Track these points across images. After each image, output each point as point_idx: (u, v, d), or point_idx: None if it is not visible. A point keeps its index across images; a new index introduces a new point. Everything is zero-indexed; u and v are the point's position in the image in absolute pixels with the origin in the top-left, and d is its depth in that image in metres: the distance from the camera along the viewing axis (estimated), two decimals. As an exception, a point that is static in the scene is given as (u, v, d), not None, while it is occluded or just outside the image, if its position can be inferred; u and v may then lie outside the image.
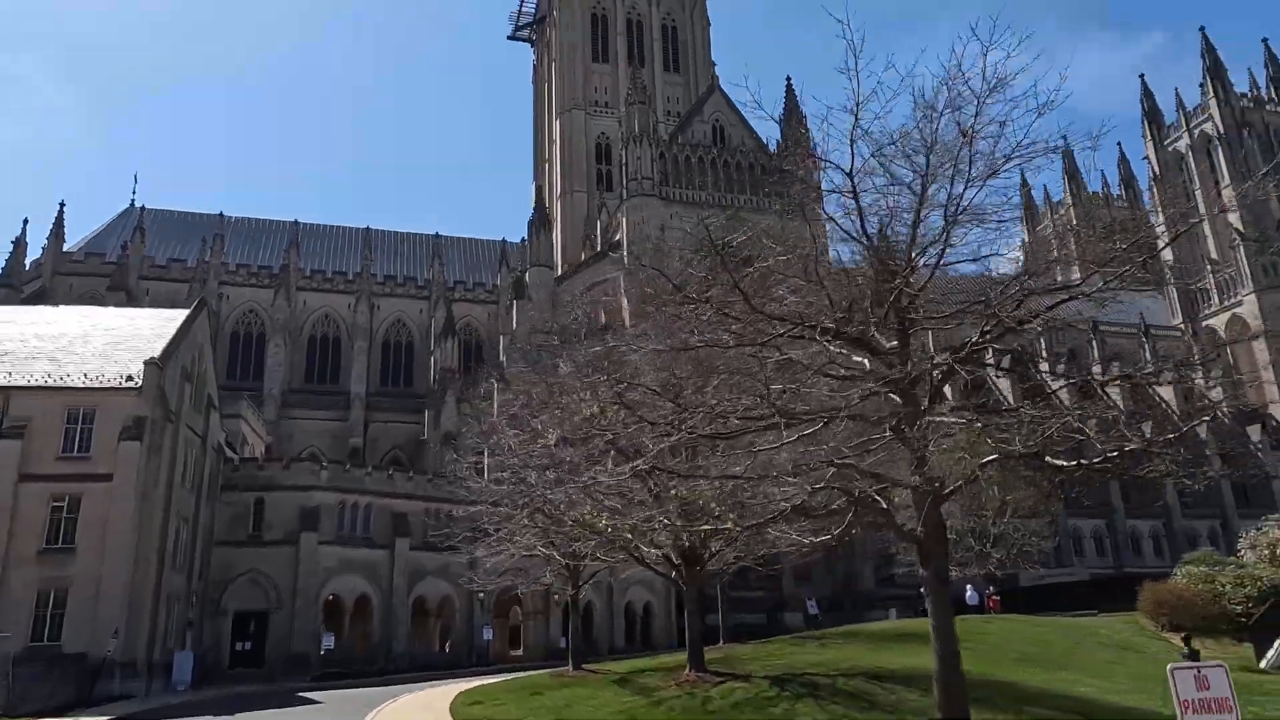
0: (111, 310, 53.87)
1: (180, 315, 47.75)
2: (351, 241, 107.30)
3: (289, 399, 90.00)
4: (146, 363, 41.65)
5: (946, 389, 14.73)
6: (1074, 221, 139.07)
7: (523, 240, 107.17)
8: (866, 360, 14.94)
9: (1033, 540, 56.43)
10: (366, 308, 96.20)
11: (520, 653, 60.12)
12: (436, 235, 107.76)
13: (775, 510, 15.14)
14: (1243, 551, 49.07)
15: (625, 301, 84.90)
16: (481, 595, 53.45)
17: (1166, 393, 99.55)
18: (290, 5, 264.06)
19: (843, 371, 14.71)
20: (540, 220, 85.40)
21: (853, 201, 14.12)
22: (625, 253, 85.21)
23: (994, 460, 14.48)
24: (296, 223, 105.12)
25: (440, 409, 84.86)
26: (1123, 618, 41.23)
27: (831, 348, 14.99)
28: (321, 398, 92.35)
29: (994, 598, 46.96)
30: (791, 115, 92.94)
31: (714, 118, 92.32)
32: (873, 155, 14.04)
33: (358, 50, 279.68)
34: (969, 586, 48.91)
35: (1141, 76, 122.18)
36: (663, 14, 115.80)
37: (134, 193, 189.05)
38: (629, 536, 27.07)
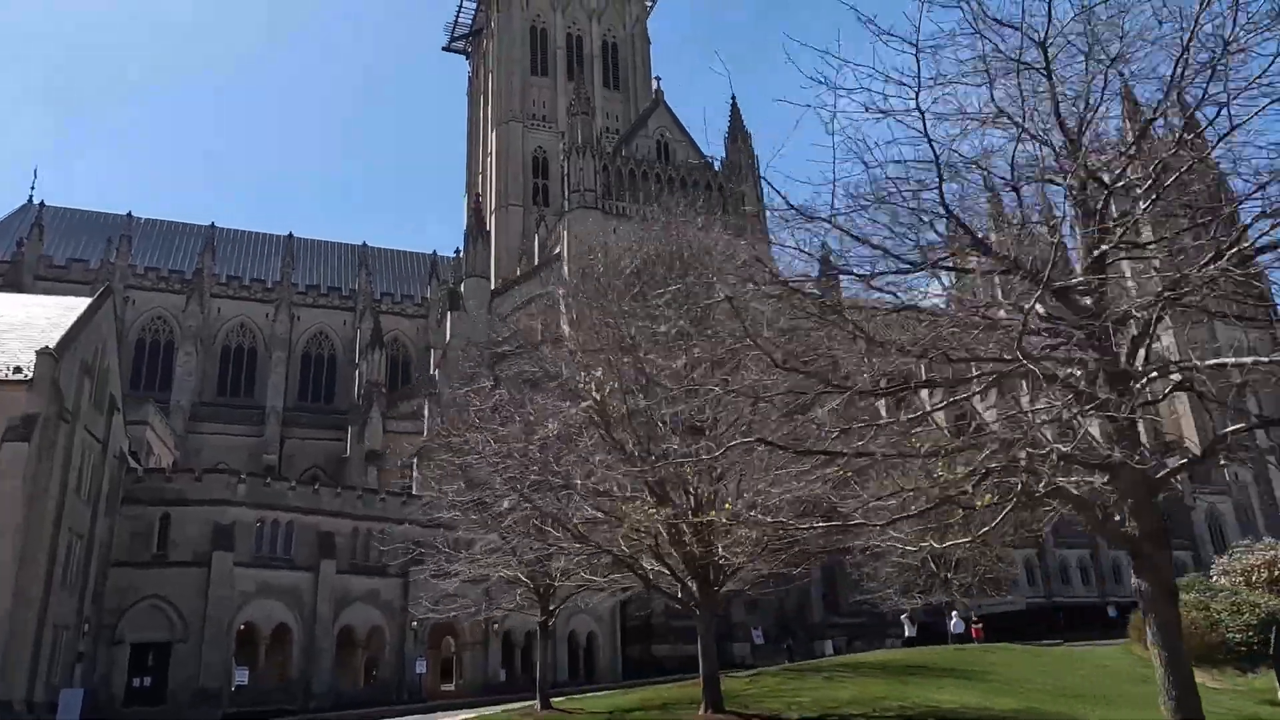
0: (1, 295, 47.22)
1: (81, 304, 41.68)
2: (271, 248, 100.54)
3: (199, 412, 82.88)
4: (40, 352, 35.72)
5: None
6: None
7: (457, 252, 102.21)
8: (1039, 306, 11.04)
9: (1000, 566, 53.80)
10: (286, 317, 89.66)
11: (453, 687, 54.62)
12: (363, 245, 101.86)
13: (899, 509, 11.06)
14: (1215, 577, 47.12)
15: (565, 316, 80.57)
16: (415, 624, 48.07)
17: (1093, 428, 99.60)
18: (220, 6, 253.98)
19: (1005, 315, 10.74)
20: (477, 229, 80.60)
21: (1043, 78, 10.12)
22: (566, 266, 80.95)
23: (1244, 429, 10.93)
24: (213, 226, 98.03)
25: (364, 425, 78.86)
26: (1114, 647, 38.34)
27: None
28: (234, 411, 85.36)
29: (977, 626, 43.78)
30: (736, 135, 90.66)
31: (658, 133, 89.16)
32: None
33: (285, 56, 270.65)
34: (954, 614, 45.59)
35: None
36: (603, 30, 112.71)
37: (33, 188, 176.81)
38: (626, 549, 22.71)
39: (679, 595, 25.01)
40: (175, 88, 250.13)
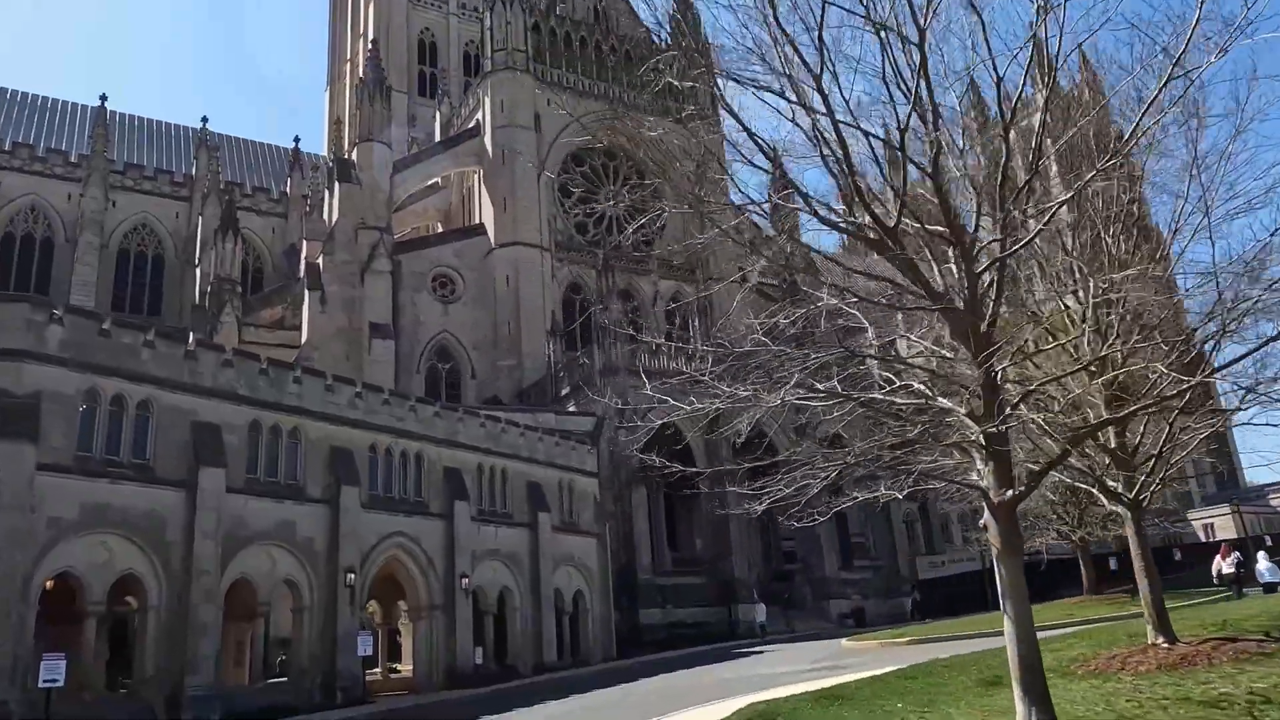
0: None
1: None
2: (77, 119, 74.80)
3: (-33, 310, 57.45)
4: None
5: None
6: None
7: (329, 163, 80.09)
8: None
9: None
10: (100, 194, 65.03)
11: (403, 671, 35.24)
12: (203, 127, 77.11)
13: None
14: None
15: (487, 198, 61.23)
16: (351, 576, 28.54)
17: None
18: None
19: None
20: (376, 83, 59.46)
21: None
22: (488, 139, 61.55)
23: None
24: (-7, 79, 71.05)
25: (213, 333, 56.31)
26: None
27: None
28: (21, 314, 60.27)
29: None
30: (684, 11, 73.75)
31: (594, -4, 71.13)
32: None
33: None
34: (1262, 556, 30.52)
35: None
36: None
37: None
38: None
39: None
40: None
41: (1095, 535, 35.78)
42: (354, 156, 58.52)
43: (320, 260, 55.46)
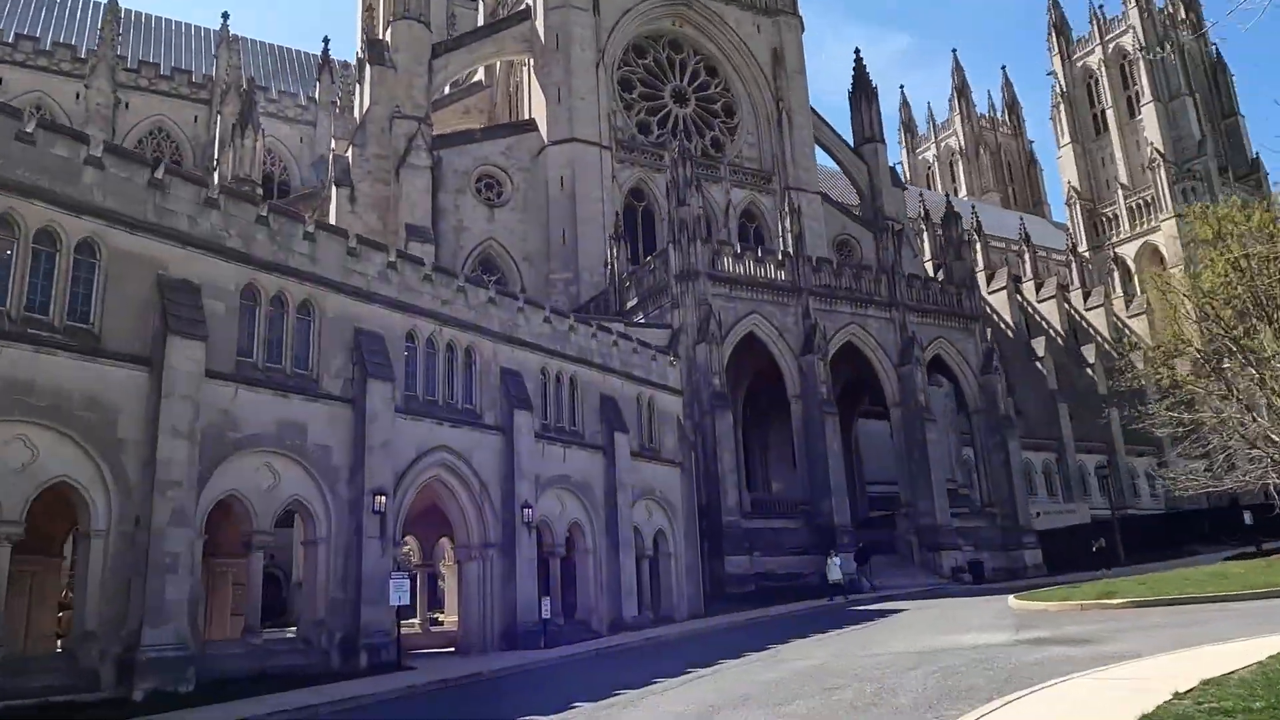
0: None
1: None
2: (89, 12, 67.26)
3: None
4: None
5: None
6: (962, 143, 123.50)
7: (360, 55, 71.80)
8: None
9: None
10: (107, 87, 57.52)
11: (446, 623, 27.96)
12: (226, 20, 69.16)
13: None
14: None
15: (538, 90, 52.89)
16: (380, 499, 20.94)
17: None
18: None
19: None
20: (411, -47, 51.05)
21: None
22: (540, 23, 53.07)
23: None
24: (-7, -35, 63.66)
25: (230, 238, 48.81)
26: None
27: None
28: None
29: None
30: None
31: None
32: None
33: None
34: None
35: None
36: None
37: None
38: None
39: None
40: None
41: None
42: (388, 36, 50.38)
43: (350, 154, 47.65)
